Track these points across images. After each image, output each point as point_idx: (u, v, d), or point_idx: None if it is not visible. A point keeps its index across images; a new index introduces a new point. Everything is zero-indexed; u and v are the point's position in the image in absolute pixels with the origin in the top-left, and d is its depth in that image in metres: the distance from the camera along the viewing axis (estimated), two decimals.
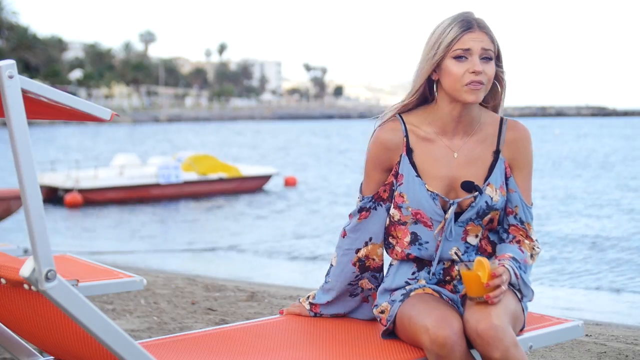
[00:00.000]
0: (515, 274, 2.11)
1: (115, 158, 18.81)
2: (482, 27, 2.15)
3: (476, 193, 2.18)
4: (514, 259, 2.15)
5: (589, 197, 16.74)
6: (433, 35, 2.18)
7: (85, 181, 16.92)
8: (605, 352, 3.72)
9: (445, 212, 2.18)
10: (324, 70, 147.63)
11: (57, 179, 17.13)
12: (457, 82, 2.13)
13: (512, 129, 2.25)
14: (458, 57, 2.13)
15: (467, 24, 2.14)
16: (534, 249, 2.24)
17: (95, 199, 16.83)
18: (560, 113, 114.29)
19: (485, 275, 1.98)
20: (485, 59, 2.13)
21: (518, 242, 2.23)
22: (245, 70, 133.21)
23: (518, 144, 2.24)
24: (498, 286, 1.99)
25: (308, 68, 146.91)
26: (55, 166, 19.86)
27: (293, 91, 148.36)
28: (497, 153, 2.23)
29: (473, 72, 2.11)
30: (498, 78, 2.23)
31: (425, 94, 2.26)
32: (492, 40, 2.16)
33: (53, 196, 16.82)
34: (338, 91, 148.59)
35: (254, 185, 18.95)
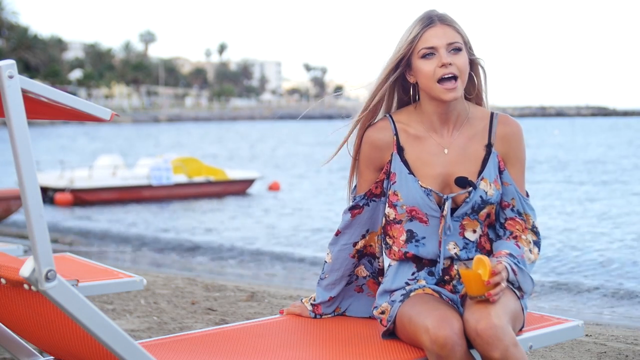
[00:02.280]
0: (513, 270, 2.11)
1: (99, 159, 18.76)
2: (443, 21, 2.18)
3: (470, 188, 2.18)
4: (510, 255, 2.15)
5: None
6: (400, 39, 2.23)
7: (79, 181, 16.85)
8: (605, 352, 3.72)
9: (440, 208, 2.19)
10: (324, 70, 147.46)
11: (48, 179, 17.02)
12: (430, 80, 2.16)
13: (504, 123, 2.26)
14: (425, 56, 2.16)
15: (428, 20, 2.18)
16: (530, 243, 2.23)
17: (87, 199, 16.75)
18: (560, 113, 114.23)
19: (486, 273, 1.98)
20: (454, 50, 2.16)
21: (515, 237, 2.23)
22: (245, 70, 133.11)
23: (510, 139, 2.25)
24: (498, 284, 1.99)
25: (308, 68, 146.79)
26: (40, 166, 19.79)
27: (293, 91, 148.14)
28: (489, 147, 2.24)
29: (442, 66, 2.14)
30: (474, 66, 2.26)
31: (392, 95, 2.30)
32: (457, 31, 2.18)
33: (44, 196, 16.71)
34: (338, 91, 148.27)
35: (239, 189, 19.00)
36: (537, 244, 2.25)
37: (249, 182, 19.28)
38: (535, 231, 2.25)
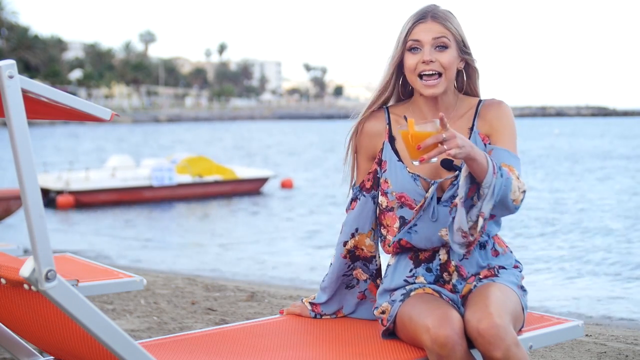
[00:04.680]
0: (493, 165, 1.99)
1: (109, 160, 18.47)
2: (435, 17, 2.20)
3: (457, 172, 2.18)
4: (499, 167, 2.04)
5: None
6: (399, 33, 2.26)
7: (76, 183, 16.56)
8: (605, 352, 3.72)
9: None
10: (324, 70, 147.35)
11: (48, 181, 16.76)
12: (412, 74, 2.20)
13: (487, 105, 2.27)
14: (411, 49, 2.20)
15: (421, 15, 2.21)
16: (519, 184, 2.09)
17: (86, 201, 16.49)
18: (560, 113, 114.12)
19: (414, 135, 1.90)
20: (440, 47, 2.18)
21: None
22: (245, 70, 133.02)
23: (492, 113, 2.25)
24: (435, 146, 1.90)
25: (308, 68, 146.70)
26: (47, 167, 19.58)
27: (293, 91, 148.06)
28: (471, 129, 2.25)
29: (423, 62, 2.16)
30: (468, 66, 2.28)
31: (398, 89, 2.33)
32: (447, 28, 2.19)
33: (45, 198, 16.56)
34: (338, 91, 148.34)
35: (250, 188, 18.50)
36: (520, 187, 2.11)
37: (262, 181, 18.77)
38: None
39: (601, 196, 16.76)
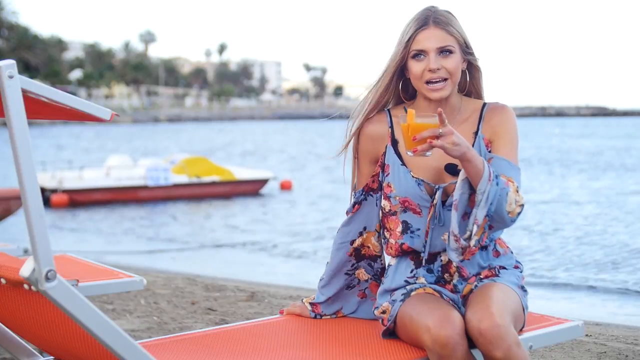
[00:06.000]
0: (490, 172, 2.01)
1: (108, 159, 18.33)
2: (437, 23, 2.18)
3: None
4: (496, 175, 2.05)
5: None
6: (399, 37, 2.24)
7: (69, 182, 16.50)
8: (605, 352, 3.72)
9: (432, 198, 2.19)
10: (324, 70, 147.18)
11: (42, 179, 16.59)
12: (418, 81, 2.20)
13: (492, 109, 2.27)
14: (416, 56, 2.19)
15: (423, 21, 2.19)
16: (517, 197, 2.09)
17: (80, 200, 16.40)
18: (560, 113, 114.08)
19: (412, 127, 1.94)
20: (444, 52, 2.17)
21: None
22: (245, 70, 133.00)
23: (496, 117, 2.25)
24: (432, 139, 1.94)
25: (308, 68, 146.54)
26: (46, 167, 19.53)
27: (293, 91, 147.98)
28: (476, 134, 2.24)
29: (430, 70, 2.16)
30: (472, 67, 2.28)
31: (397, 92, 2.32)
32: (451, 33, 2.19)
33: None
34: (338, 91, 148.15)
35: (249, 189, 18.36)
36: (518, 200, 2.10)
37: (261, 183, 18.60)
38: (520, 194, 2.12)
39: (588, 195, 16.81)
